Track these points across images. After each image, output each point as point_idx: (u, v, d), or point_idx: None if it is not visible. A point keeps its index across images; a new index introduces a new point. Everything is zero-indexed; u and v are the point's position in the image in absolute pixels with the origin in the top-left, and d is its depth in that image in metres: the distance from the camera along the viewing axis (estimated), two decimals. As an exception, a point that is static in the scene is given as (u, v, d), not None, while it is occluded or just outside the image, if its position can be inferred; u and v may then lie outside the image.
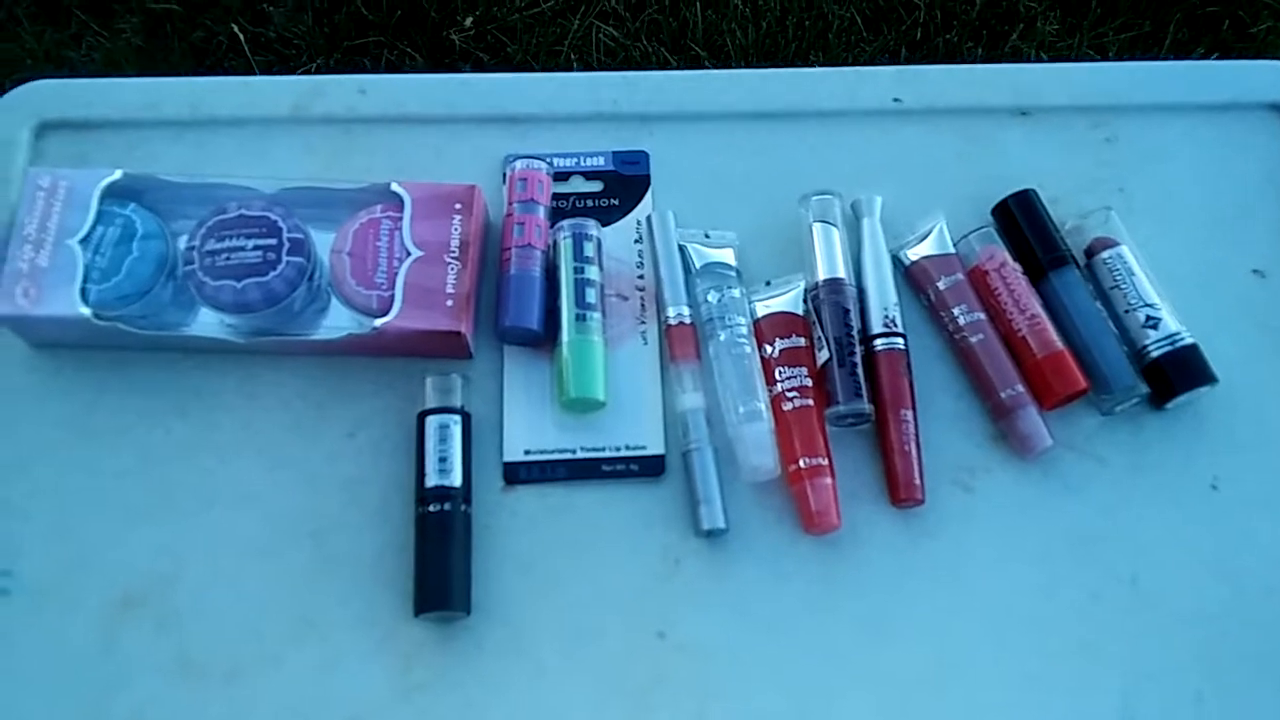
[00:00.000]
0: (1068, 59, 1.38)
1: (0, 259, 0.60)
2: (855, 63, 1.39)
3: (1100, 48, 1.41)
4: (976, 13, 1.42)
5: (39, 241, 0.61)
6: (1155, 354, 0.62)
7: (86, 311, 0.59)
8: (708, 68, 1.36)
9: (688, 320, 0.62)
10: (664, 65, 1.38)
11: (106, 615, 0.58)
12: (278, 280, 0.60)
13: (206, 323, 0.61)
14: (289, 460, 0.61)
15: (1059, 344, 0.61)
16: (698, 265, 0.64)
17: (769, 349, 0.62)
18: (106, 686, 0.56)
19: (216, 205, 0.62)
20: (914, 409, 0.61)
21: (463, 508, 0.58)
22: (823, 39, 1.41)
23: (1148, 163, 0.69)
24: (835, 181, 0.66)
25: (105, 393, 0.62)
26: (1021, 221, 0.65)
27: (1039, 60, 1.38)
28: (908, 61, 1.38)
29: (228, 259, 0.60)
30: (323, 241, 0.62)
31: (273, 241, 0.61)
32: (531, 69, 1.37)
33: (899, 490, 0.59)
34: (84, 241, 0.61)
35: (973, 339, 0.62)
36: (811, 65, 1.37)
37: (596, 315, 0.62)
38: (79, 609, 0.58)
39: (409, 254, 0.61)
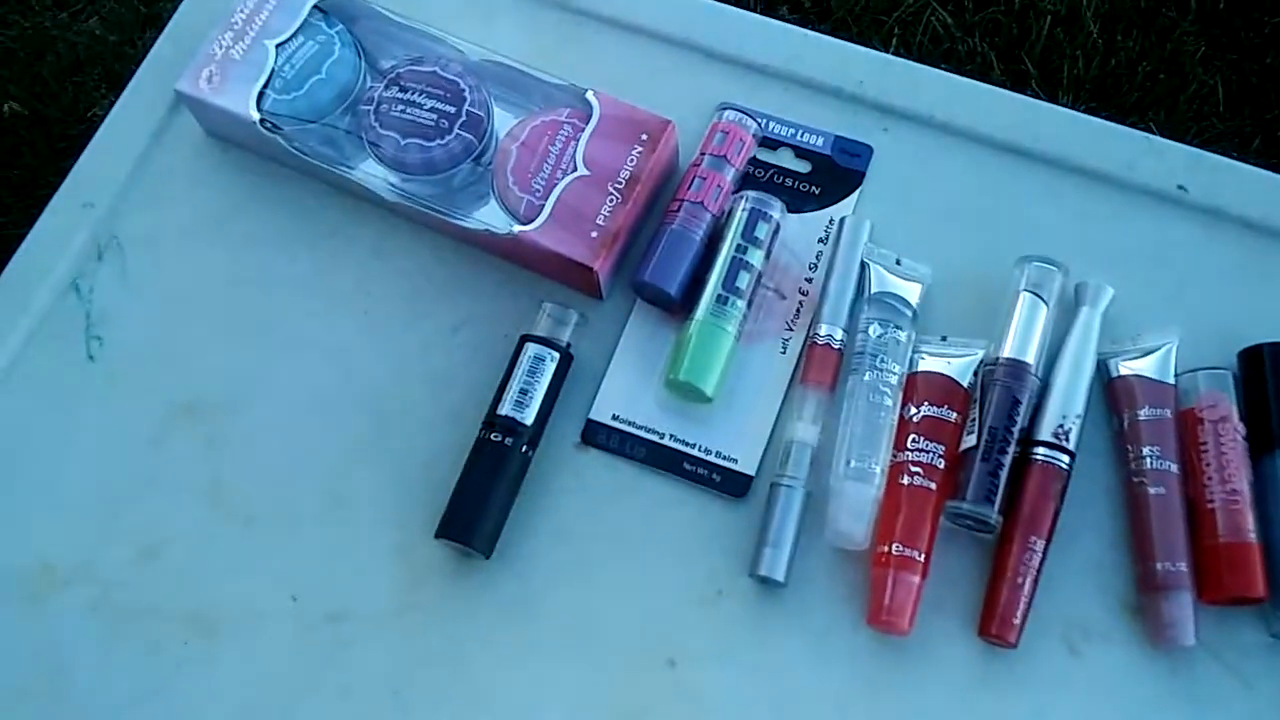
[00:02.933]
0: None
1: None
2: (1199, 136, 1.22)
3: None
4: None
5: (241, 33, 0.60)
6: (1370, 594, 0.49)
7: (255, 116, 0.58)
8: (1032, 87, 1.24)
9: (837, 344, 0.55)
10: (986, 69, 1.26)
11: (168, 415, 0.57)
12: (440, 149, 0.57)
13: (367, 170, 0.59)
14: (388, 334, 0.58)
15: (1252, 536, 0.50)
16: (874, 290, 0.56)
17: (913, 410, 0.53)
18: (142, 480, 0.56)
19: (417, 55, 0.59)
20: (1049, 540, 0.51)
21: (524, 449, 0.53)
22: (1172, 99, 1.24)
23: None
24: (1068, 252, 0.56)
25: (253, 200, 0.61)
26: (1270, 377, 0.53)
27: None
28: (1258, 155, 1.20)
29: (403, 111, 0.57)
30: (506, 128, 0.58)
31: (451, 110, 0.57)
32: (847, 29, 1.29)
33: (992, 623, 0.50)
34: (281, 46, 0.59)
35: (1152, 489, 0.51)
36: (1148, 122, 1.21)
37: (740, 304, 0.55)
38: (147, 401, 0.57)
39: (575, 169, 0.56)
